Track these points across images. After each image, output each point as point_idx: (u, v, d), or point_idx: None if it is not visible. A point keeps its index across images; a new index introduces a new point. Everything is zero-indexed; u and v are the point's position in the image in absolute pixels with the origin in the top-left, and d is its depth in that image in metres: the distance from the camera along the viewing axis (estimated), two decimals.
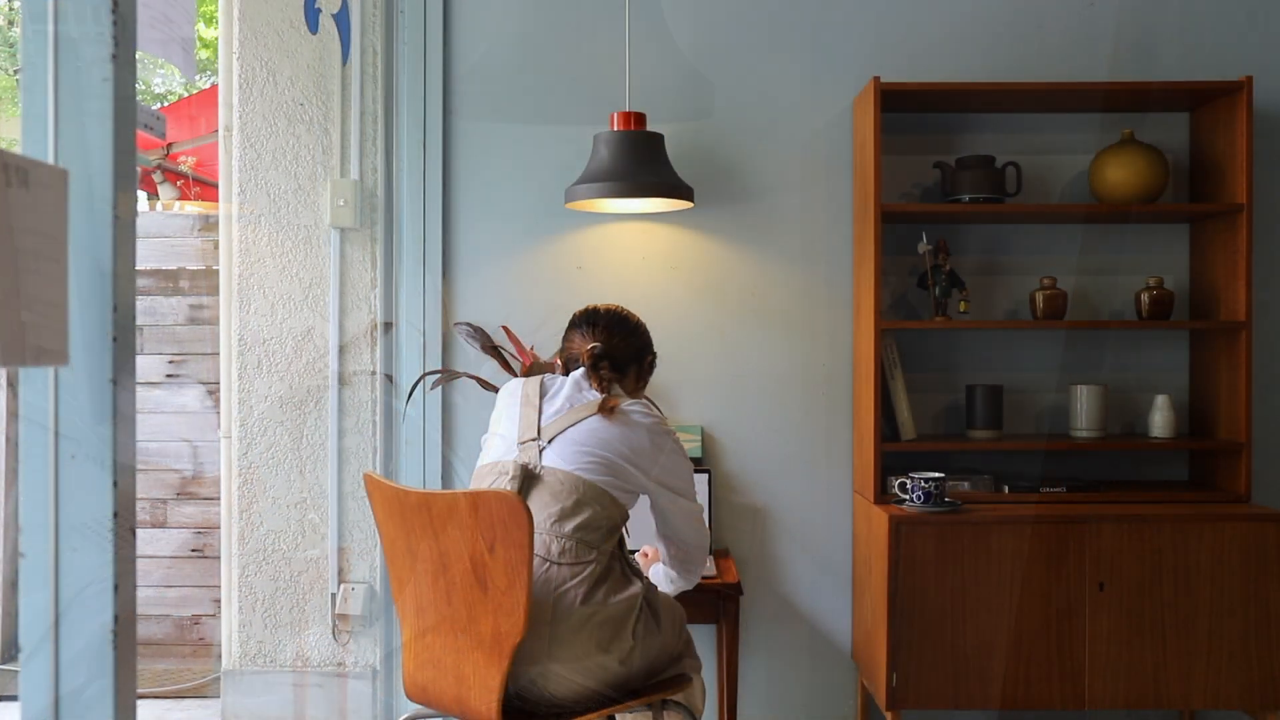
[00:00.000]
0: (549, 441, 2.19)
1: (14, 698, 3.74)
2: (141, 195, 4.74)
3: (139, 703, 1.85)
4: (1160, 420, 3.09)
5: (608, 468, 2.16)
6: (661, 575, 2.45)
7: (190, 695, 3.72)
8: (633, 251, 3.24)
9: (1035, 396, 3.25)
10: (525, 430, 2.22)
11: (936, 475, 2.86)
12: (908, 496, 2.89)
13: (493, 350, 3.09)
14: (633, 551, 2.43)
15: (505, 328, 3.18)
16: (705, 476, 3.06)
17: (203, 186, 4.70)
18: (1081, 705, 2.78)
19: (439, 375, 3.15)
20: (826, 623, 3.26)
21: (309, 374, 3.24)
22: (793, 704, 3.27)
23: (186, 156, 4.67)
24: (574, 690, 2.09)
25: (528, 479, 2.15)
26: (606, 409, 2.20)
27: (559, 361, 2.41)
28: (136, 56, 1.08)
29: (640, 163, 2.87)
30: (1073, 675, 2.78)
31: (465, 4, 3.24)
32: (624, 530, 2.25)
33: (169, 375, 3.99)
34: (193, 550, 3.98)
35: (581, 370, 2.30)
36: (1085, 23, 3.23)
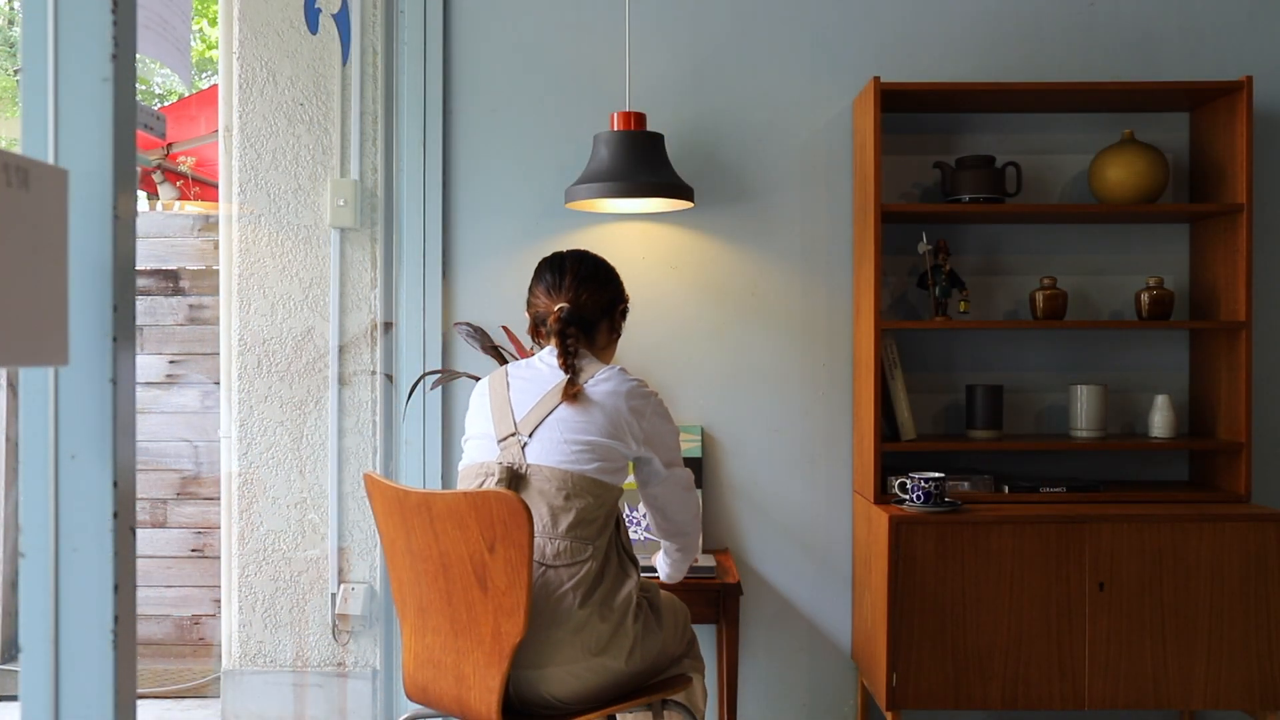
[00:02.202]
0: (530, 435, 2.12)
1: (14, 698, 3.74)
2: (141, 195, 4.73)
3: (139, 703, 1.85)
4: (1160, 420, 3.09)
5: (593, 451, 2.10)
6: (662, 562, 2.43)
7: (190, 695, 3.72)
8: (633, 251, 3.24)
9: (1035, 396, 3.25)
10: (502, 426, 2.16)
11: (936, 475, 2.86)
12: (908, 496, 2.89)
13: (493, 350, 3.08)
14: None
15: (505, 328, 3.18)
16: (705, 477, 3.06)
17: (203, 186, 4.69)
18: (1081, 705, 2.78)
19: (439, 375, 3.15)
20: (826, 623, 3.26)
21: (309, 374, 3.24)
22: (793, 704, 3.27)
23: (186, 156, 4.67)
24: (575, 690, 2.09)
25: (514, 480, 2.10)
26: (569, 396, 2.12)
27: (528, 317, 2.32)
28: (136, 57, 1.08)
29: (640, 163, 2.87)
30: (1073, 675, 2.78)
31: (465, 4, 3.24)
32: (621, 508, 2.20)
33: (169, 375, 3.99)
34: (193, 550, 3.98)
35: (548, 349, 2.23)
36: (1085, 23, 3.23)
